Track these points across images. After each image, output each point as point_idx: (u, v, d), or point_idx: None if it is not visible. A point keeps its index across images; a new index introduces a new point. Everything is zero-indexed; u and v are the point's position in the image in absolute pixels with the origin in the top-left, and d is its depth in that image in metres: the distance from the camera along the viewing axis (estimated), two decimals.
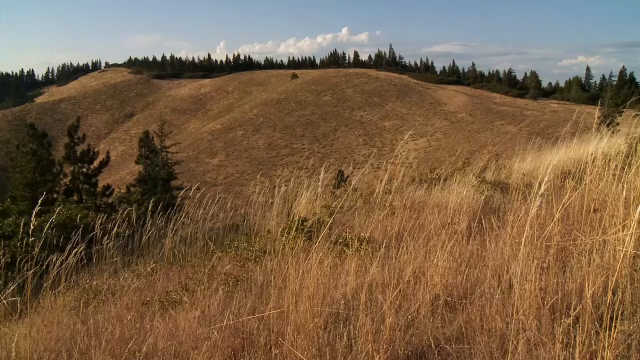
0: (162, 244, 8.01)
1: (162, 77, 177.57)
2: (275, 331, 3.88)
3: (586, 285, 3.17)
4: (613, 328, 2.79)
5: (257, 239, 6.90)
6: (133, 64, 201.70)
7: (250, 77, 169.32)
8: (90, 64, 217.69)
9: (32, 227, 6.18)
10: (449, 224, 5.66)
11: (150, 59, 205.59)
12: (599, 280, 3.25)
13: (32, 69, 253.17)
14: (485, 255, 4.67)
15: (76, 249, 6.54)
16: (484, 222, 5.36)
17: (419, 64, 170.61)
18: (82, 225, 7.91)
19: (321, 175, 7.62)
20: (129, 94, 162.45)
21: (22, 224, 6.74)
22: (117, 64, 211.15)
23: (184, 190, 10.11)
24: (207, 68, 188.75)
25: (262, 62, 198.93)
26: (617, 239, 3.49)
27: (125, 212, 8.71)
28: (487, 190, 7.57)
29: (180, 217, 8.49)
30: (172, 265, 7.40)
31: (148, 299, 5.75)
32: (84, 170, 24.21)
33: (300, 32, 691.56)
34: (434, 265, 4.37)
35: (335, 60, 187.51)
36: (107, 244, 7.55)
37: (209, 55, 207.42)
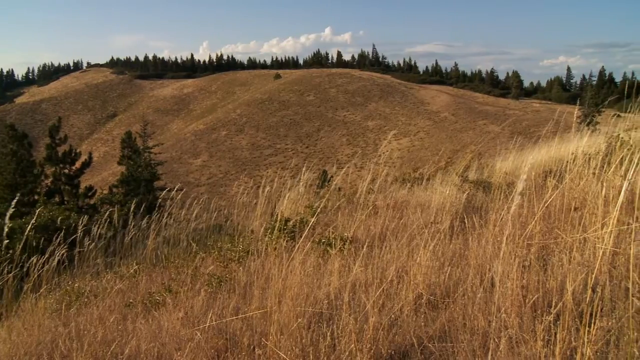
0: (145, 245, 7.97)
1: (144, 77, 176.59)
2: (259, 332, 3.88)
3: (567, 282, 3.20)
4: (593, 324, 2.82)
5: (241, 240, 6.88)
6: (115, 64, 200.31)
7: (233, 77, 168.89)
8: (71, 64, 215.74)
9: (6, 230, 6.12)
10: (431, 223, 5.68)
11: (133, 59, 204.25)
12: (580, 277, 3.28)
13: (12, 69, 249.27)
14: (467, 254, 4.69)
15: (57, 251, 6.49)
16: (466, 221, 5.39)
17: (402, 64, 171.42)
18: (63, 227, 7.84)
19: (304, 176, 7.63)
20: (111, 94, 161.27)
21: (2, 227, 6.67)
22: (99, 64, 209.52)
23: (166, 191, 10.03)
24: (190, 68, 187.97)
25: (245, 62, 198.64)
26: (597, 237, 3.53)
27: (108, 214, 8.64)
28: (470, 189, 7.61)
29: (163, 218, 8.45)
30: (155, 267, 7.37)
31: (131, 300, 5.72)
32: (66, 171, 24.01)
33: (283, 32, 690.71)
34: (417, 264, 4.38)
35: (318, 60, 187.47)
36: (89, 246, 7.49)
37: (192, 55, 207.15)
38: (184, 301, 5.09)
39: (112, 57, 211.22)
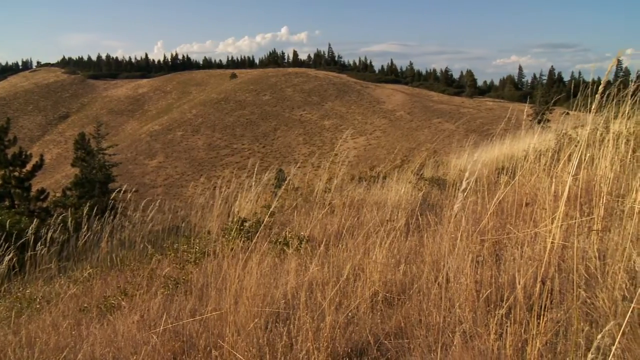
0: (99, 248, 7.83)
1: (97, 77, 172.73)
2: (216, 333, 3.85)
3: (518, 276, 3.27)
4: (542, 317, 2.89)
5: (197, 241, 6.82)
6: (67, 64, 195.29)
7: (188, 77, 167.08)
8: (20, 63, 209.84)
9: None
10: (387, 221, 5.73)
11: (85, 58, 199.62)
12: (530, 271, 3.36)
13: None
14: (422, 250, 4.76)
15: (7, 256, 6.32)
16: (421, 219, 5.45)
17: (357, 63, 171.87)
18: (14, 232, 7.65)
19: (261, 175, 7.60)
20: (63, 94, 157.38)
21: None
22: (49, 63, 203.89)
23: (122, 192, 9.85)
24: (144, 68, 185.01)
25: (201, 62, 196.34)
26: (547, 231, 3.61)
27: (61, 217, 8.44)
28: (425, 187, 7.70)
29: (119, 220, 8.31)
30: (110, 270, 7.24)
31: (85, 305, 5.61)
32: (16, 174, 23.36)
33: (239, 31, 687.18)
34: (373, 262, 4.42)
35: (274, 59, 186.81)
36: (41, 250, 7.32)
37: (147, 55, 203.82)
38: (140, 304, 5.02)
39: (64, 57, 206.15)
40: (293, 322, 3.66)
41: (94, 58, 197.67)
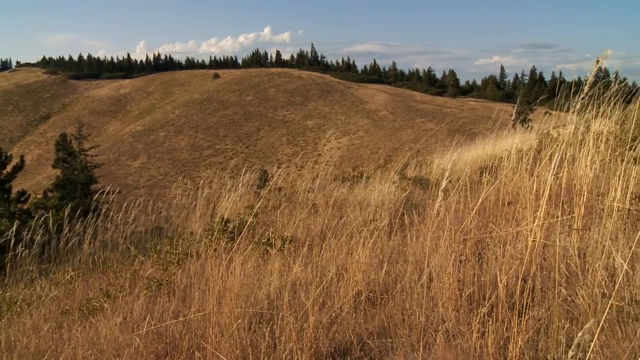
0: (82, 250, 7.76)
1: (79, 77, 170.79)
2: (199, 334, 3.84)
3: (501, 275, 3.30)
4: (524, 315, 2.92)
5: (180, 242, 6.79)
6: (48, 64, 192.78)
7: (171, 77, 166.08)
8: None
9: None
10: (370, 221, 5.74)
11: (67, 58, 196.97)
12: (512, 270, 3.38)
13: None
14: (405, 250, 4.77)
15: None
16: (405, 218, 5.47)
17: (340, 63, 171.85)
18: None
19: (244, 176, 7.58)
20: (44, 95, 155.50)
21: None
22: (29, 63, 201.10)
23: (105, 194, 9.76)
24: (126, 68, 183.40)
25: (184, 62, 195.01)
26: (529, 230, 3.64)
27: (42, 219, 8.35)
28: (408, 187, 7.72)
29: (101, 221, 8.24)
30: (92, 272, 7.18)
31: (67, 307, 5.56)
32: None
33: (222, 31, 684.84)
34: (356, 262, 4.42)
35: (257, 59, 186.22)
36: (21, 252, 7.24)
37: (129, 55, 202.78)
38: (123, 306, 4.99)
39: (44, 57, 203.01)
40: (276, 323, 3.65)
41: (75, 58, 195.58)
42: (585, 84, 3.69)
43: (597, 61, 3.66)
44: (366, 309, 3.99)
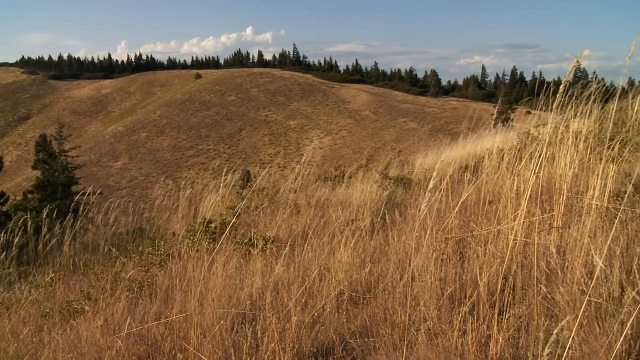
0: (62, 252, 7.69)
1: (59, 77, 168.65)
2: (181, 336, 3.82)
3: (482, 273, 3.32)
4: (505, 313, 2.94)
5: (162, 243, 6.76)
6: (26, 64, 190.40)
7: (152, 77, 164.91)
8: None
9: None
10: (352, 220, 5.76)
11: (46, 58, 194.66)
12: (493, 268, 3.41)
13: None
14: (388, 249, 4.79)
15: None
16: (387, 218, 5.48)
17: (322, 63, 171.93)
18: None
19: (227, 176, 7.56)
20: (22, 95, 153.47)
21: None
22: (7, 63, 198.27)
23: (86, 195, 9.66)
24: (107, 68, 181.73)
25: (165, 62, 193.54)
26: (509, 229, 3.67)
27: (22, 220, 8.26)
28: (390, 186, 7.75)
29: (82, 223, 8.17)
30: (73, 274, 7.12)
31: (47, 310, 5.51)
32: None
33: (204, 31, 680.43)
34: (339, 261, 4.43)
35: (239, 60, 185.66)
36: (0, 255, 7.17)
37: (110, 55, 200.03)
38: (104, 308, 4.95)
39: (23, 56, 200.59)
40: (259, 323, 3.65)
41: (55, 58, 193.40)
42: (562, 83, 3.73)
43: (576, 61, 3.69)
44: (349, 309, 3.99)
